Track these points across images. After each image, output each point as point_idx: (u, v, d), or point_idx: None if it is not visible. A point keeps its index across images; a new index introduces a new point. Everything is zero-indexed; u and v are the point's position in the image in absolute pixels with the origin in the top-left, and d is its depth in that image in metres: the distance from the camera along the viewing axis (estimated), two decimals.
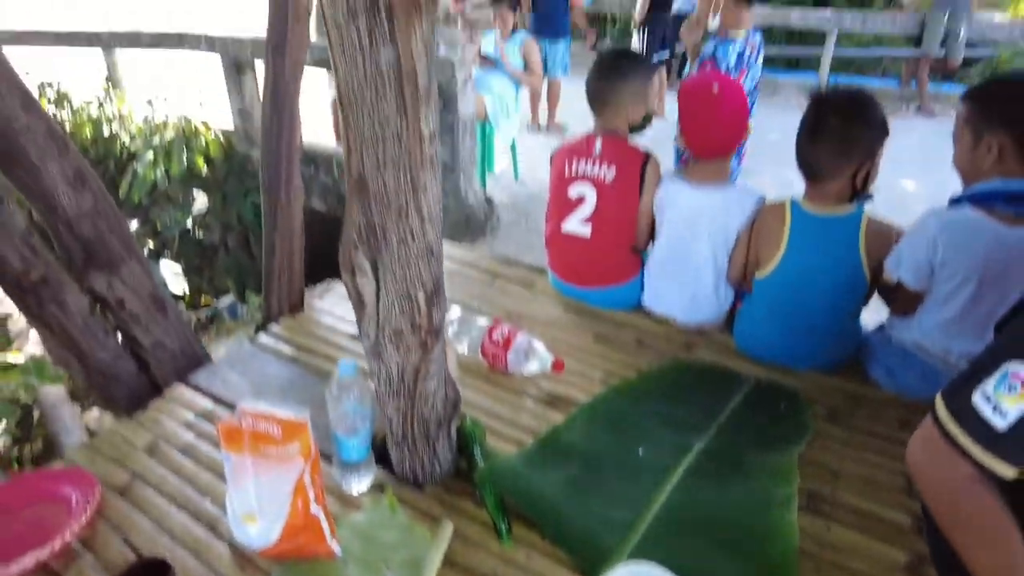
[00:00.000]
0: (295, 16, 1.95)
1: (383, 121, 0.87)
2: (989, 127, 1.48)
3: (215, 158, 5.48)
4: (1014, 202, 1.49)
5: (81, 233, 1.76)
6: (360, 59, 0.80)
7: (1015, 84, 1.52)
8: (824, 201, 1.75)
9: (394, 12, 0.76)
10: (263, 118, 2.06)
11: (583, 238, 2.07)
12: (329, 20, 0.79)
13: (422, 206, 0.97)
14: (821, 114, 1.70)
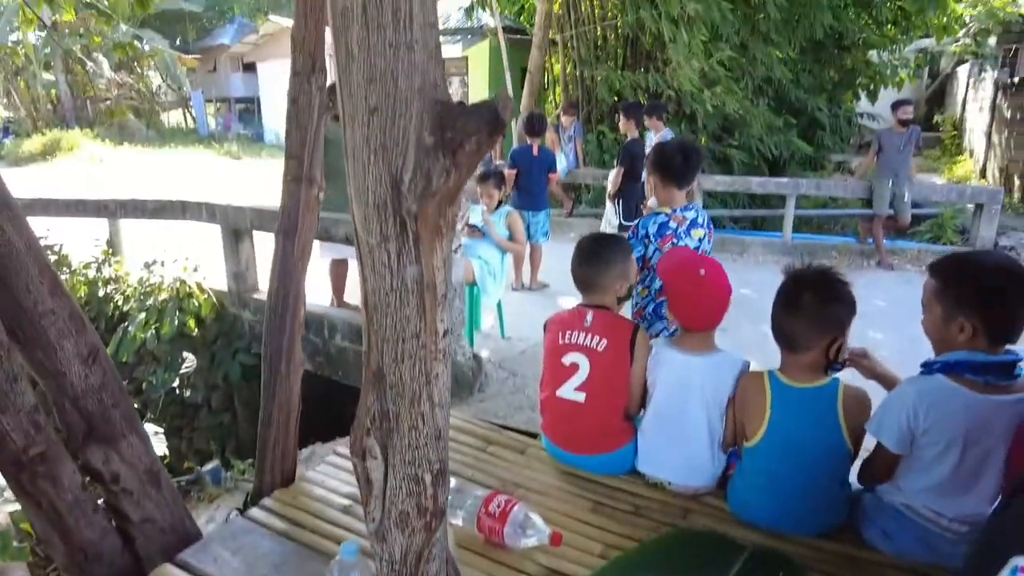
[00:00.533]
0: (306, 205, 2.14)
1: (404, 323, 0.97)
2: (962, 310, 1.62)
3: (206, 318, 5.59)
4: (981, 372, 1.62)
5: (86, 408, 1.80)
6: (388, 275, 0.92)
7: (984, 270, 1.66)
8: (801, 372, 1.86)
9: (420, 237, 0.89)
10: (269, 294, 2.19)
11: (577, 403, 2.15)
12: (362, 242, 0.92)
13: (434, 394, 1.06)
14: (797, 291, 1.84)
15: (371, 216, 0.88)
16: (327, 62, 2.14)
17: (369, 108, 0.81)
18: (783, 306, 1.87)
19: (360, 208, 0.89)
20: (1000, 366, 1.59)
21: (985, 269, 1.65)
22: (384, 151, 0.83)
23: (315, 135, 2.11)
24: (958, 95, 17.97)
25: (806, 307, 1.81)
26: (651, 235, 2.67)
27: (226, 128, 27.28)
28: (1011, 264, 1.63)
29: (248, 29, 28.24)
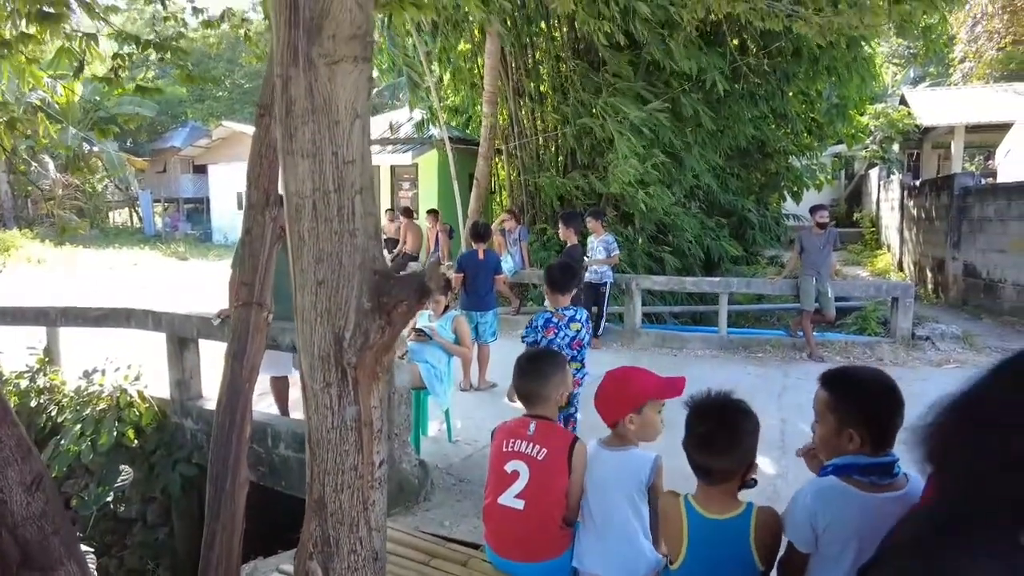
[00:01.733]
0: (256, 328, 2.26)
1: (343, 456, 1.10)
2: (853, 423, 1.81)
3: (147, 428, 5.46)
4: (866, 472, 1.81)
5: (23, 536, 1.80)
6: (330, 415, 1.06)
7: (869, 386, 1.86)
8: (716, 501, 1.94)
9: (359, 382, 1.04)
10: (217, 411, 2.26)
11: (517, 510, 2.23)
12: (308, 388, 1.06)
13: (371, 519, 1.17)
14: (706, 427, 1.92)
15: (316, 366, 1.03)
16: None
17: (317, 281, 0.98)
18: (693, 443, 1.92)
19: (307, 359, 1.04)
20: (882, 466, 1.79)
21: (869, 385, 1.87)
22: (329, 314, 0.99)
23: (267, 263, 2.27)
24: (872, 194, 19.55)
25: (717, 443, 1.90)
26: (539, 327, 3.67)
27: (173, 228, 27.20)
28: (886, 380, 1.87)
29: (200, 133, 28.79)
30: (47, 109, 11.66)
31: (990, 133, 15.73)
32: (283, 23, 0.93)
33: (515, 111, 11.36)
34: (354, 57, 0.94)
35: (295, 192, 0.98)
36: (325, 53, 0.92)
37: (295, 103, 0.96)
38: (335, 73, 0.94)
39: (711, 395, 1.98)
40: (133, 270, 16.93)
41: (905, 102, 17.73)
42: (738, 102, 10.84)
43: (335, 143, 0.96)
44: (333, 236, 0.96)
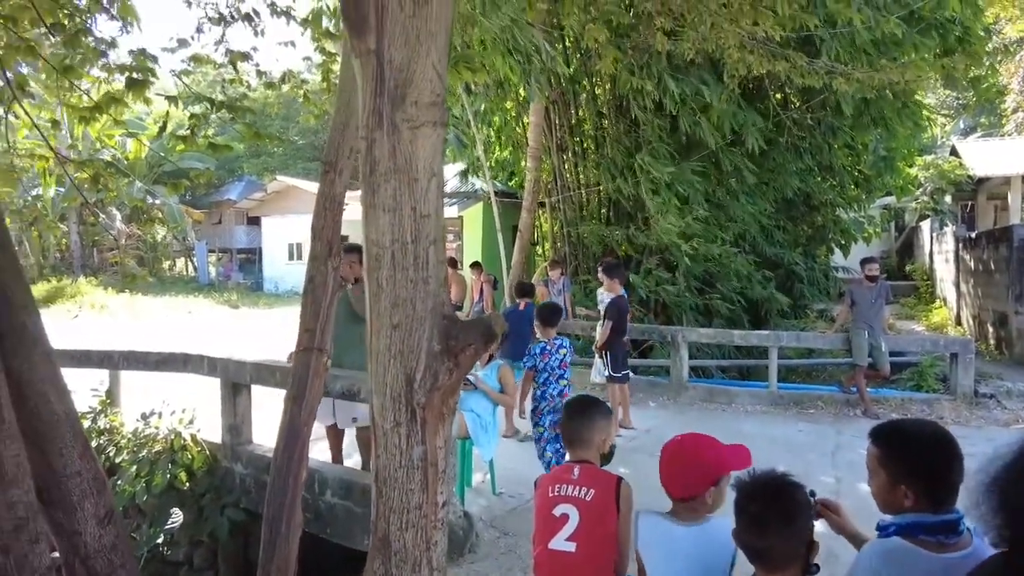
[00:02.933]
0: (315, 373, 2.35)
1: (409, 495, 1.15)
2: (905, 477, 1.75)
3: (198, 472, 5.58)
4: (931, 532, 1.75)
5: (94, 568, 1.88)
6: (398, 454, 1.11)
7: (920, 436, 1.80)
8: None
9: (427, 422, 1.10)
10: (275, 454, 2.34)
11: (569, 553, 2.19)
12: (378, 427, 1.12)
13: (432, 559, 1.21)
14: (758, 513, 1.77)
15: (387, 405, 1.09)
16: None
17: (392, 325, 1.05)
18: (745, 526, 1.79)
19: (379, 399, 1.10)
20: (947, 524, 1.73)
21: (920, 438, 1.80)
22: (402, 356, 1.06)
23: (327, 310, 2.37)
24: (925, 247, 19.06)
25: (773, 530, 1.76)
26: (536, 354, 4.86)
27: (226, 277, 28.17)
28: (939, 432, 1.81)
29: (255, 186, 30.07)
30: (117, 164, 12.42)
31: None
32: (369, 92, 1.03)
33: (558, 165, 11.59)
34: (433, 122, 1.03)
35: (375, 243, 1.06)
36: (408, 118, 1.02)
37: (379, 163, 1.05)
38: (416, 136, 1.03)
39: (757, 474, 1.85)
40: (188, 317, 17.54)
41: (956, 153, 17.42)
42: (782, 154, 10.83)
43: (413, 199, 1.04)
44: (408, 283, 1.04)
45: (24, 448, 1.69)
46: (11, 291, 1.72)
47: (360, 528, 4.83)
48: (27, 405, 1.76)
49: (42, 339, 1.81)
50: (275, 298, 23.79)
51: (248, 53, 4.68)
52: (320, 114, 5.96)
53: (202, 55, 4.48)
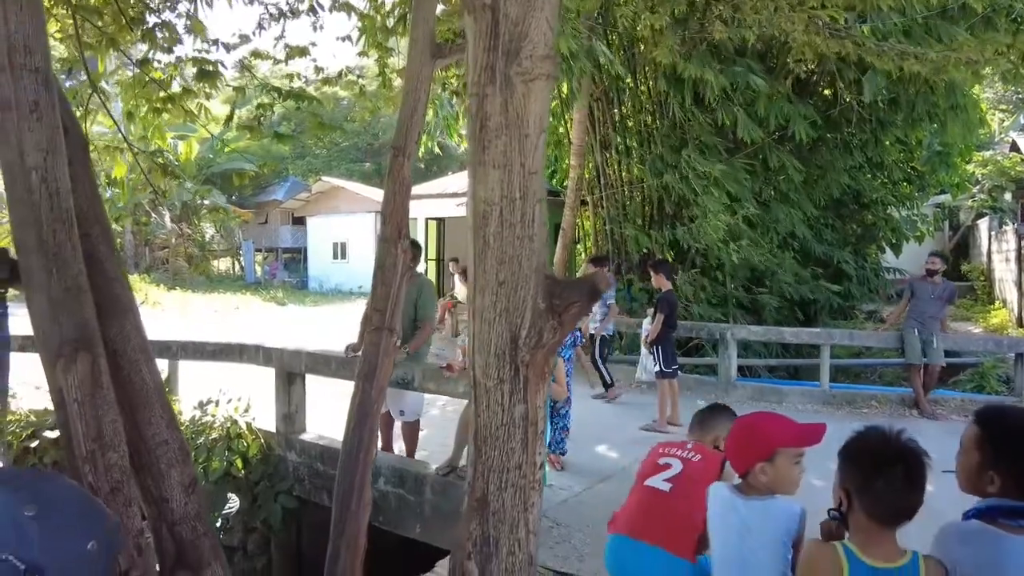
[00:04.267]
0: (385, 352, 2.39)
1: (509, 454, 1.16)
2: (995, 462, 1.70)
3: (253, 459, 5.72)
4: (1013, 516, 1.70)
5: (180, 535, 1.94)
6: (500, 412, 1.13)
7: (998, 420, 1.75)
8: (884, 548, 1.73)
9: (529, 381, 1.11)
10: (346, 433, 2.38)
11: (662, 492, 2.35)
12: (479, 385, 1.13)
13: (530, 520, 1.21)
14: (907, 464, 1.72)
15: (491, 363, 1.10)
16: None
17: (499, 282, 1.06)
18: (898, 485, 1.70)
19: (482, 357, 1.11)
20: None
21: (1006, 427, 1.73)
22: (507, 314, 1.07)
23: (397, 292, 2.41)
24: (982, 246, 18.39)
25: (921, 480, 1.71)
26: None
27: (271, 276, 28.79)
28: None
29: (300, 187, 30.66)
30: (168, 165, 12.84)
31: None
32: (482, 48, 1.05)
33: (601, 163, 11.52)
34: (547, 75, 1.04)
35: (484, 200, 1.07)
36: (523, 71, 1.03)
37: (490, 119, 1.06)
38: (530, 90, 1.04)
39: (883, 433, 1.79)
40: (236, 313, 17.97)
41: (1017, 148, 16.77)
42: (831, 151, 10.60)
43: (523, 155, 1.05)
44: (516, 240, 1.05)
45: (120, 415, 1.76)
46: (106, 262, 1.79)
47: (413, 516, 4.89)
48: (120, 374, 1.83)
49: (134, 310, 1.89)
50: (320, 296, 24.22)
51: (306, 48, 4.78)
52: (374, 109, 6.05)
53: (262, 51, 4.59)
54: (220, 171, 26.55)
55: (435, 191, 20.25)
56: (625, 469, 5.42)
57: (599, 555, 3.80)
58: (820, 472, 2.04)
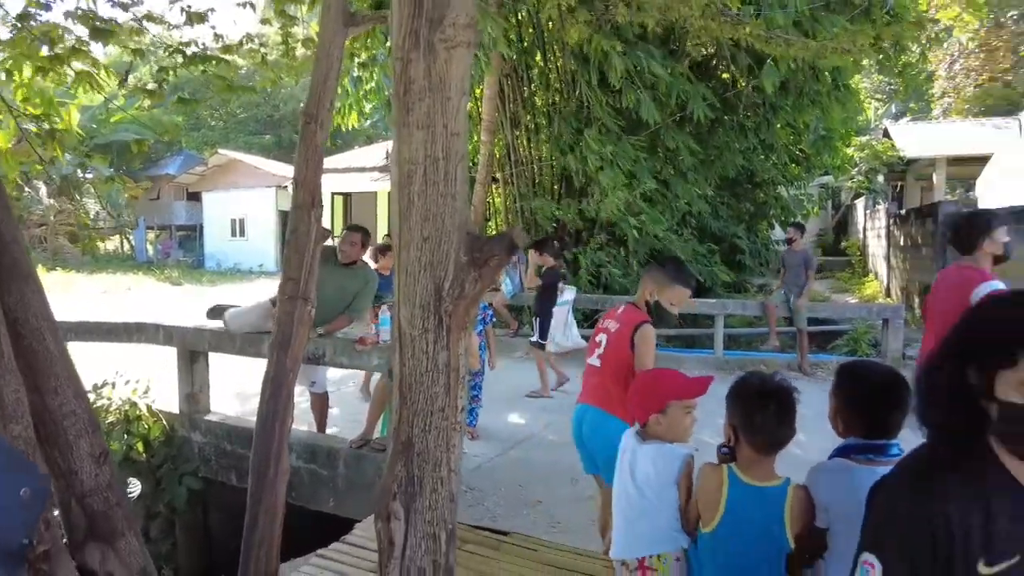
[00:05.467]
0: (300, 321, 2.39)
1: (433, 398, 1.24)
2: (843, 407, 2.02)
3: (154, 442, 5.51)
4: (863, 452, 1.98)
5: (91, 506, 1.90)
6: (425, 359, 1.21)
7: (866, 375, 2.05)
8: (763, 471, 2.04)
9: (451, 330, 1.19)
10: (261, 402, 2.38)
11: (595, 367, 2.99)
12: (405, 335, 1.21)
13: (451, 460, 1.31)
14: (779, 400, 2.02)
15: (416, 314, 1.17)
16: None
17: (423, 237, 1.13)
18: (770, 418, 2.00)
19: (407, 309, 1.19)
20: (878, 447, 1.96)
21: (865, 377, 2.04)
22: (432, 267, 1.15)
23: (311, 259, 2.41)
24: (859, 224, 19.99)
25: (791, 413, 2.01)
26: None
27: (165, 254, 27.21)
28: (887, 376, 2.02)
29: (194, 161, 28.99)
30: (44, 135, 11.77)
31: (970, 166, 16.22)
32: (406, 15, 1.10)
33: (511, 140, 11.63)
34: (468, 42, 1.11)
35: (408, 159, 1.14)
36: (445, 39, 1.09)
37: (414, 82, 1.12)
38: (452, 56, 1.10)
39: (761, 377, 2.09)
40: (128, 294, 16.92)
41: (888, 135, 18.28)
42: (727, 133, 11.18)
43: (446, 117, 1.12)
44: (439, 198, 1.12)
45: (22, 385, 1.70)
46: (3, 225, 1.71)
47: (326, 490, 4.89)
48: (22, 342, 1.76)
49: (34, 275, 1.81)
50: (218, 275, 23.14)
51: (205, 14, 4.56)
52: (276, 80, 5.85)
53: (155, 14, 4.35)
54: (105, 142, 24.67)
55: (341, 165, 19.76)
56: (535, 435, 5.64)
57: (512, 516, 3.99)
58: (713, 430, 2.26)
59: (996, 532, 1.11)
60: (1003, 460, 1.13)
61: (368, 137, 28.69)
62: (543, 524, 3.88)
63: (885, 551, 1.19)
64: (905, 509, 1.18)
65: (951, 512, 1.12)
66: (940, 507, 1.12)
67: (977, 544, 1.11)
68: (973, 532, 1.11)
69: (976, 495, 1.12)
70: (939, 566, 1.12)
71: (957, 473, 1.15)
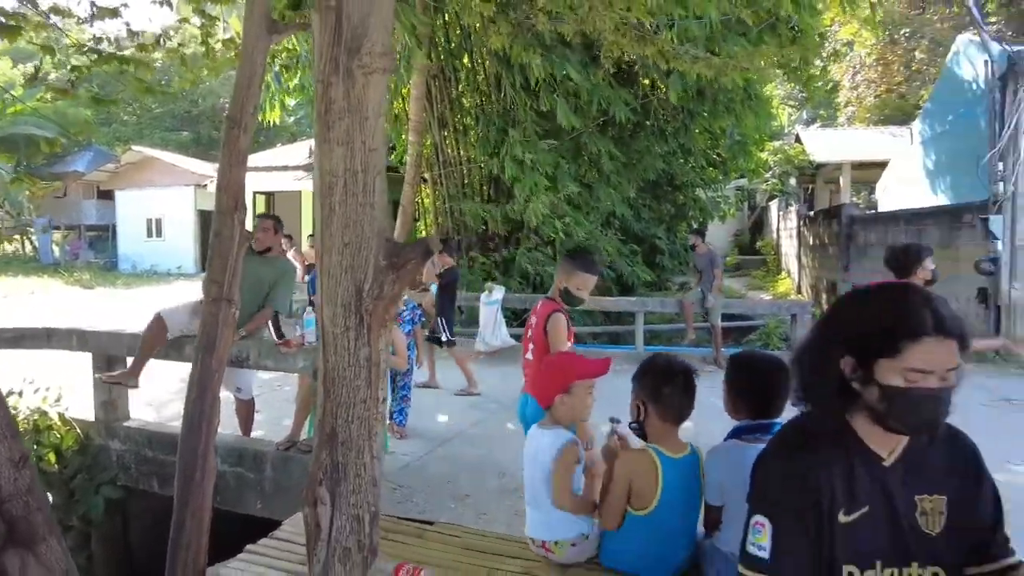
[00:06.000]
0: (225, 323, 2.43)
1: (355, 391, 1.35)
2: (732, 392, 2.30)
3: (67, 452, 5.30)
4: (751, 432, 2.23)
5: (9, 512, 1.89)
6: (347, 355, 1.31)
7: (750, 365, 2.32)
8: (676, 442, 2.31)
9: (372, 327, 1.30)
10: (187, 404, 2.41)
11: (529, 360, 3.26)
12: (327, 333, 1.31)
13: (373, 447, 1.42)
14: (686, 376, 2.30)
15: (338, 313, 1.28)
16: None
17: (344, 243, 1.24)
18: (681, 391, 2.28)
19: (329, 309, 1.29)
20: (763, 427, 2.21)
21: (751, 366, 2.31)
22: (352, 270, 1.26)
23: (235, 263, 2.46)
24: (773, 224, 21.08)
25: (692, 386, 2.29)
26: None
27: (73, 256, 25.73)
28: (770, 364, 2.29)
29: (106, 157, 27.51)
30: None
31: (871, 170, 17.43)
32: (327, 42, 1.20)
33: (440, 140, 11.70)
34: (383, 69, 1.22)
35: (329, 172, 1.24)
36: (363, 65, 1.20)
37: (334, 103, 1.23)
38: (369, 81, 1.21)
39: (667, 357, 2.38)
40: (32, 298, 15.96)
41: (800, 140, 19.37)
42: (648, 137, 11.64)
43: (364, 134, 1.23)
44: (359, 207, 1.23)
45: None
46: None
47: (253, 493, 4.85)
48: None
49: None
50: (134, 277, 22.11)
51: (117, 9, 4.45)
52: (195, 80, 5.74)
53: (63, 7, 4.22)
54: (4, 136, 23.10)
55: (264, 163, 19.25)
56: (463, 432, 5.76)
57: (439, 510, 4.10)
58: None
59: (854, 489, 1.35)
60: (860, 433, 1.37)
61: (292, 135, 28.05)
62: (470, 516, 4.01)
63: (772, 509, 1.38)
64: (786, 473, 1.39)
65: (822, 473, 1.34)
66: (814, 470, 1.35)
67: (840, 499, 1.35)
68: (837, 489, 1.34)
69: (840, 460, 1.36)
70: (812, 516, 1.34)
71: (827, 442, 1.37)
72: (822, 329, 1.47)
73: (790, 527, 1.35)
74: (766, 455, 1.50)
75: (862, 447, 1.37)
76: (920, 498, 1.36)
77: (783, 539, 1.34)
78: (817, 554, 1.33)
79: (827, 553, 1.33)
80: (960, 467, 1.40)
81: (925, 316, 1.28)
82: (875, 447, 1.36)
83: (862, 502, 1.35)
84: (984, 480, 1.41)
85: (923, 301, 1.31)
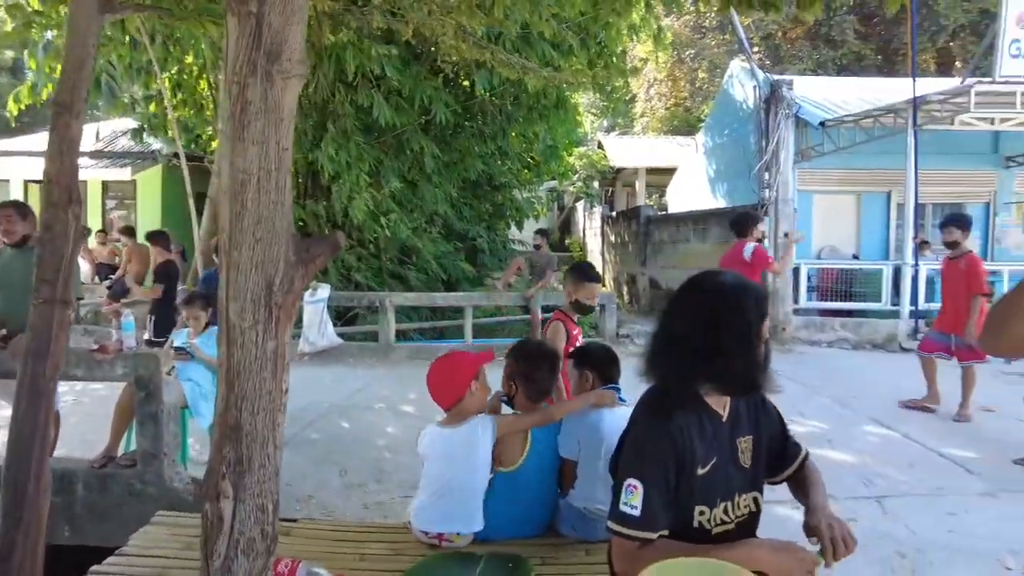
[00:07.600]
0: (60, 326, 2.23)
1: (261, 384, 1.40)
2: (583, 370, 2.72)
3: None
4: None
5: None
6: (254, 349, 1.35)
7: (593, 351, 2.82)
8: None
9: (280, 320, 1.36)
10: (15, 415, 2.17)
11: None
12: (234, 327, 1.34)
13: (277, 438, 1.47)
14: (553, 361, 2.76)
15: (247, 307, 1.32)
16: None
17: (256, 239, 1.28)
18: (550, 371, 2.70)
19: (238, 303, 1.33)
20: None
21: (593, 352, 2.83)
22: (263, 265, 1.30)
23: (69, 261, 2.27)
24: (579, 223, 22.70)
25: (557, 368, 2.74)
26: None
27: None
28: (607, 351, 2.81)
29: None
30: None
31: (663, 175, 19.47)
32: (244, 45, 1.23)
33: None
34: (300, 75, 1.27)
35: (243, 170, 1.27)
36: (282, 70, 1.24)
37: (250, 103, 1.25)
38: (287, 85, 1.26)
39: (537, 342, 2.97)
40: None
41: (602, 147, 21.06)
42: (469, 138, 12.00)
43: (279, 135, 1.28)
44: (271, 204, 1.28)
45: None
46: None
47: (60, 520, 4.33)
48: None
49: None
50: None
51: None
52: None
53: None
54: None
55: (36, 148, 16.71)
56: (297, 434, 5.62)
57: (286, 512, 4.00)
58: None
59: (705, 446, 1.65)
60: (707, 399, 1.67)
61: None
62: (317, 515, 3.99)
63: (644, 471, 1.61)
64: (652, 435, 1.64)
65: (684, 436, 1.61)
66: (676, 431, 1.61)
67: (697, 454, 1.63)
68: (694, 446, 1.63)
69: (694, 422, 1.64)
70: (675, 471, 1.60)
71: (684, 408, 1.64)
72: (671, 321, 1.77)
73: (659, 485, 1.58)
74: (636, 424, 1.74)
75: (711, 411, 1.67)
76: (739, 440, 1.71)
77: (654, 497, 1.56)
78: (675, 502, 1.60)
79: (685, 500, 1.61)
80: (753, 404, 1.77)
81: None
82: (715, 407, 1.68)
83: (712, 454, 1.65)
84: (767, 403, 1.80)
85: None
